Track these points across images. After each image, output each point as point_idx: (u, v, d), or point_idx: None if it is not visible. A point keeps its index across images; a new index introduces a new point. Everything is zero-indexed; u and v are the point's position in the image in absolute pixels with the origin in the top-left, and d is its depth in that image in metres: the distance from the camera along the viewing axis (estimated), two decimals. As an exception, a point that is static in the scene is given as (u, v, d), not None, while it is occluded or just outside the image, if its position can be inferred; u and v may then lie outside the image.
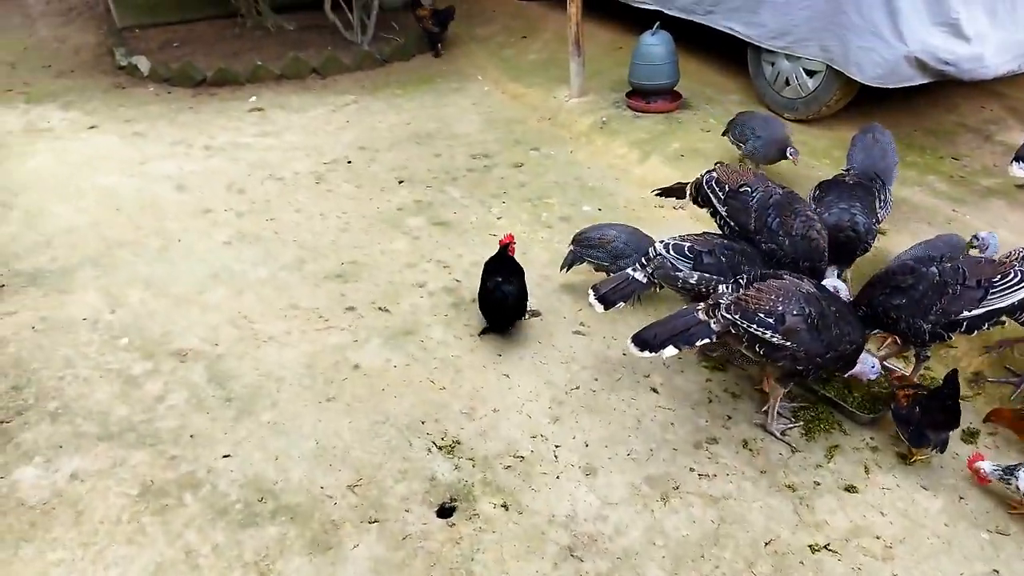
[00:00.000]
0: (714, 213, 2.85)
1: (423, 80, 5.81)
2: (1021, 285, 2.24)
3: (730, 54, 5.12)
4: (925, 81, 3.95)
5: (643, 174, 4.25)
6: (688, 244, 2.67)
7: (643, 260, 2.75)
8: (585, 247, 3.24)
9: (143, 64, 5.77)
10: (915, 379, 2.59)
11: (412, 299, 3.31)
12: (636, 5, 5.55)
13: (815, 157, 4.16)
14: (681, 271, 2.63)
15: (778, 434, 2.49)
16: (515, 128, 4.95)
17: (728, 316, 2.22)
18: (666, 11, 5.29)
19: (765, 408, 2.58)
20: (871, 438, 2.50)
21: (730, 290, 2.31)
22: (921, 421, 2.27)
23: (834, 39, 4.11)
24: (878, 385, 2.65)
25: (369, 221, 3.93)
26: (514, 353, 2.96)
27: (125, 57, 5.91)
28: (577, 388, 2.76)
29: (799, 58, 4.39)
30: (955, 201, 3.67)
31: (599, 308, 2.73)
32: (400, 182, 4.32)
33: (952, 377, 2.27)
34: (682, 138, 4.44)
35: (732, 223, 2.74)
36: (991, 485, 2.24)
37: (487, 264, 3.08)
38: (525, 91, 5.40)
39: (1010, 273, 2.26)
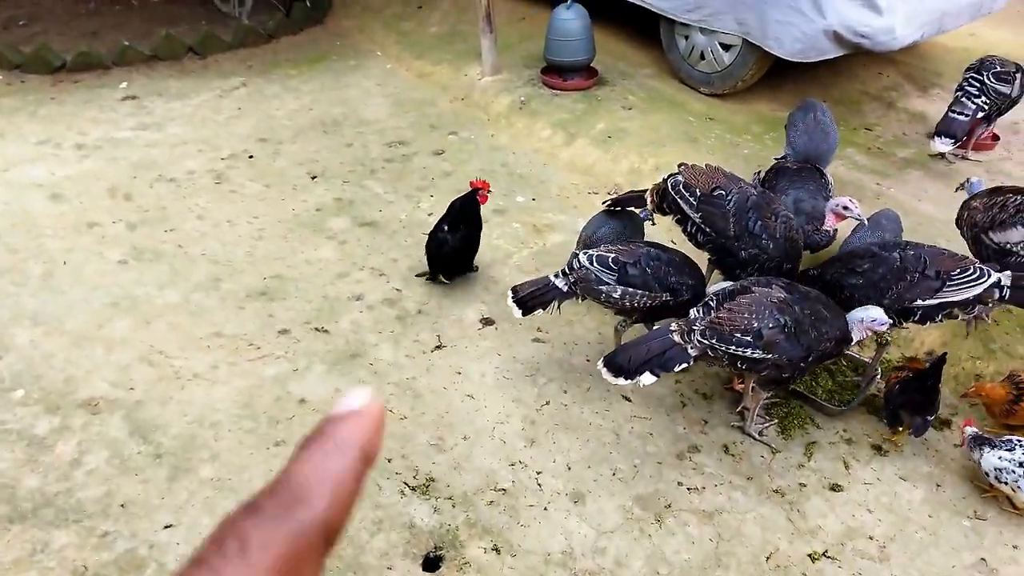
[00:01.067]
0: (682, 219, 2.72)
1: (317, 57, 5.35)
2: (978, 281, 2.30)
3: (640, 26, 5.04)
4: (840, 54, 4.03)
5: (571, 158, 4.11)
6: (612, 255, 2.51)
7: (565, 268, 2.59)
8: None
9: (-18, 47, 4.95)
10: (876, 365, 2.65)
11: (351, 315, 3.04)
12: (542, -26, 5.33)
13: (736, 133, 4.17)
14: (604, 285, 2.48)
15: (756, 435, 2.47)
16: (428, 111, 4.66)
17: (704, 341, 2.16)
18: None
19: (739, 409, 2.56)
20: (844, 430, 2.54)
21: (701, 313, 2.23)
22: (898, 401, 2.31)
23: (751, 13, 4.10)
24: (842, 374, 2.69)
25: (286, 226, 3.58)
26: (474, 369, 2.78)
27: (-41, 39, 5.05)
28: (548, 404, 2.63)
29: (714, 32, 4.36)
30: (877, 174, 3.79)
31: (517, 312, 2.57)
32: (313, 178, 3.96)
33: (938, 362, 2.32)
34: (605, 118, 4.33)
35: (708, 229, 2.64)
36: (963, 469, 2.33)
37: (451, 204, 3.16)
38: (432, 69, 5.09)
39: (969, 268, 2.31)
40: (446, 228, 3.10)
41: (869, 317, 2.22)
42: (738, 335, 2.14)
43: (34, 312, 2.99)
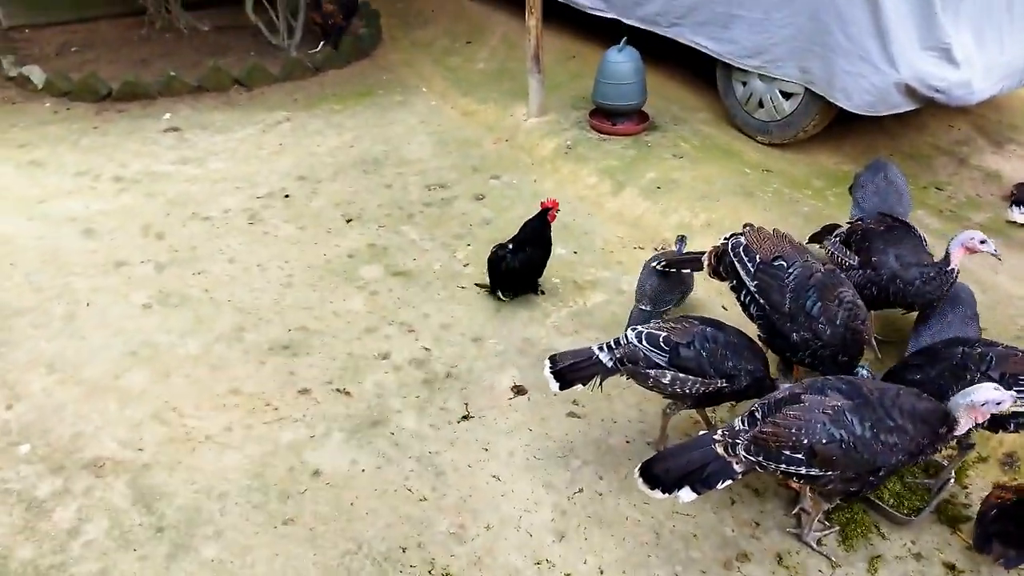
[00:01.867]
0: (738, 286, 2.48)
1: (363, 92, 5.27)
2: None
3: (696, 68, 4.82)
4: (912, 108, 3.75)
5: (618, 208, 3.90)
6: (664, 334, 2.28)
7: (611, 343, 2.36)
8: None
9: (36, 75, 5.01)
10: (952, 469, 2.34)
11: (376, 376, 2.86)
12: (591, 12, 5.17)
13: (795, 187, 3.91)
14: (654, 368, 2.25)
15: (814, 545, 2.20)
16: (471, 152, 4.51)
17: (750, 457, 1.92)
18: (625, 20, 4.94)
19: (796, 511, 2.29)
20: (912, 542, 2.24)
21: (745, 423, 1.98)
22: (993, 528, 2.02)
23: (816, 61, 3.85)
24: (910, 474, 2.40)
25: (317, 272, 3.44)
26: (503, 445, 2.57)
27: (15, 66, 5.12)
28: (581, 491, 2.40)
29: (775, 79, 4.12)
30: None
31: (554, 386, 2.34)
32: (348, 221, 3.82)
33: None
34: (655, 166, 4.11)
35: (761, 301, 2.40)
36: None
37: (524, 224, 3.22)
38: (478, 107, 4.96)
39: None
40: (511, 246, 3.16)
41: (980, 399, 1.89)
42: (787, 452, 1.89)
43: (51, 358, 2.89)
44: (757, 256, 2.45)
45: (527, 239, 3.18)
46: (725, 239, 2.57)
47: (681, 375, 2.24)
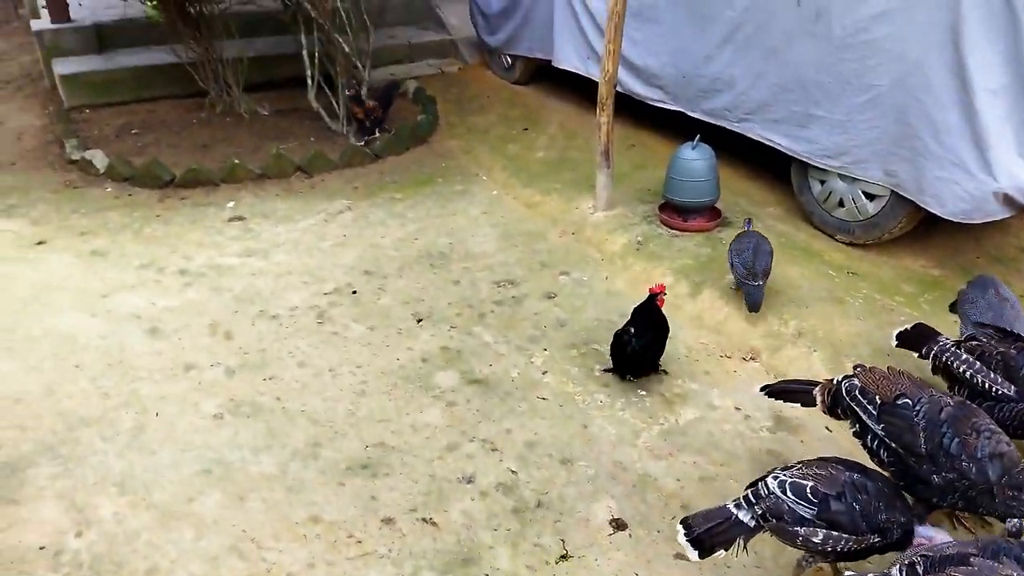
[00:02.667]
0: (862, 431, 2.31)
1: (422, 180, 5.23)
2: None
3: (762, 159, 4.74)
4: (1007, 216, 3.60)
5: (698, 312, 3.74)
6: (811, 483, 2.09)
7: (750, 496, 2.17)
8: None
9: (99, 159, 5.02)
10: None
11: (462, 503, 2.67)
12: (652, 103, 5.15)
13: (886, 293, 3.74)
14: (802, 525, 2.06)
15: None
16: (537, 246, 4.41)
17: None
18: (690, 113, 4.91)
19: None
20: None
21: None
22: None
23: (904, 165, 3.74)
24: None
25: (390, 379, 3.29)
26: (609, 595, 2.35)
27: (77, 149, 5.15)
28: (703, 655, 2.18)
29: (857, 179, 4.01)
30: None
31: (692, 554, 2.12)
32: (419, 321, 3.70)
33: None
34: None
35: (893, 445, 2.22)
36: None
37: (634, 310, 3.28)
38: (541, 199, 4.89)
39: None
40: (632, 331, 3.22)
41: None
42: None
43: (121, 476, 2.73)
44: (877, 397, 2.28)
45: (644, 324, 3.22)
46: (837, 381, 2.42)
47: (834, 533, 2.04)
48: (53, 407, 3.04)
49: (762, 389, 2.68)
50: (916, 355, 2.89)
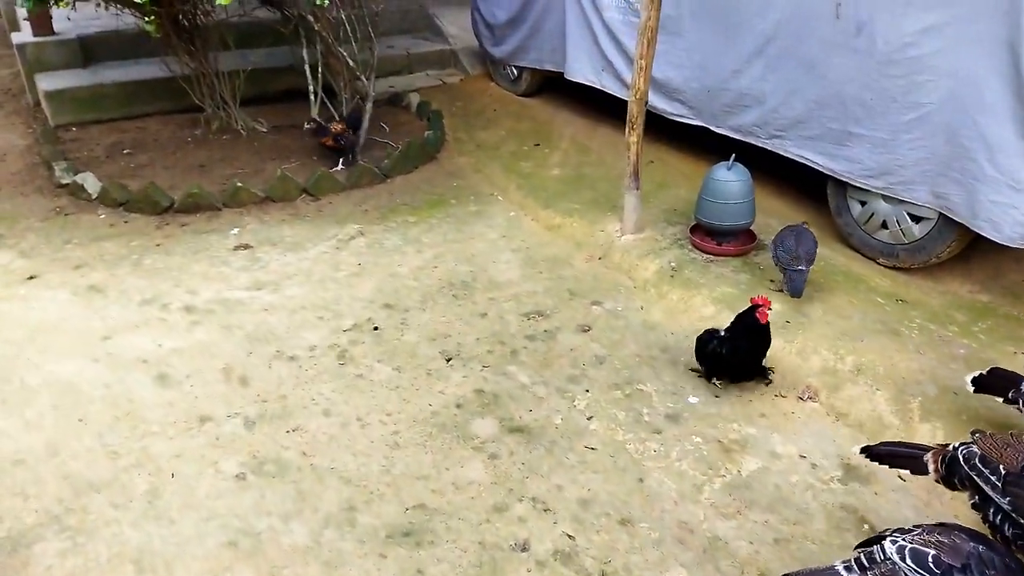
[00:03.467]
0: (983, 503, 2.11)
1: (435, 201, 4.98)
2: None
3: (791, 176, 4.55)
4: (1066, 241, 3.44)
5: (744, 345, 3.53)
6: (933, 552, 1.90)
7: (862, 559, 1.99)
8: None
9: (91, 183, 4.71)
10: None
11: (518, 575, 2.43)
12: (673, 119, 4.94)
13: (939, 322, 3.55)
14: None
15: None
16: (563, 272, 4.18)
17: None
18: (715, 129, 4.71)
19: None
20: None
21: None
22: None
23: (955, 187, 3.56)
24: None
25: (424, 428, 3.04)
26: None
27: (67, 172, 4.83)
28: None
29: (902, 200, 3.83)
30: None
31: None
32: (448, 360, 3.45)
33: None
34: (776, 295, 3.76)
35: (1022, 521, 2.01)
36: None
37: (735, 319, 3.22)
38: (562, 221, 4.65)
39: None
40: (723, 333, 3.20)
41: None
42: None
43: (138, 550, 2.46)
44: (1000, 467, 2.08)
45: (742, 334, 3.16)
46: (953, 448, 2.22)
47: None
48: (57, 469, 2.76)
49: (862, 451, 2.49)
50: (1000, 400, 2.71)
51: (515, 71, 6.39)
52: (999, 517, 2.07)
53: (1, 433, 2.89)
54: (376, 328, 3.66)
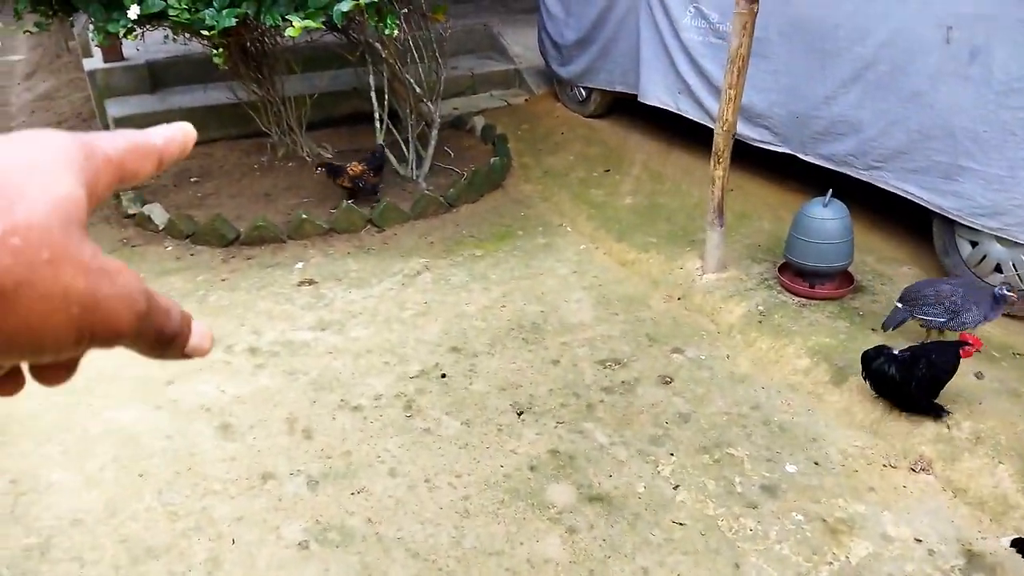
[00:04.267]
0: None
1: (502, 233, 4.78)
2: None
3: (888, 209, 4.20)
4: None
5: (846, 405, 3.21)
6: None
7: None
8: (916, 304, 3.21)
9: (158, 214, 4.68)
10: None
11: (606, 677, 2.19)
12: (757, 144, 4.63)
13: (1070, 382, 3.17)
14: None
15: None
16: (640, 314, 3.92)
17: None
18: (803, 157, 4.39)
19: None
20: None
21: None
22: None
23: (1089, 233, 3.18)
24: None
25: (496, 494, 2.83)
26: None
27: (134, 203, 4.81)
28: None
29: (1019, 245, 3.45)
30: None
31: None
32: (520, 414, 3.23)
33: None
34: (878, 344, 3.43)
35: None
36: None
37: (934, 344, 3.06)
38: (637, 256, 4.40)
39: None
40: (896, 353, 2.97)
41: None
42: None
43: (197, 631, 2.31)
44: None
45: (923, 356, 2.92)
46: None
47: None
48: (115, 531, 2.64)
49: (1013, 544, 2.18)
50: None
51: (583, 92, 6.16)
52: None
53: (62, 488, 2.80)
54: (444, 375, 3.47)
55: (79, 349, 0.37)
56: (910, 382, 2.89)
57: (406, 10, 4.69)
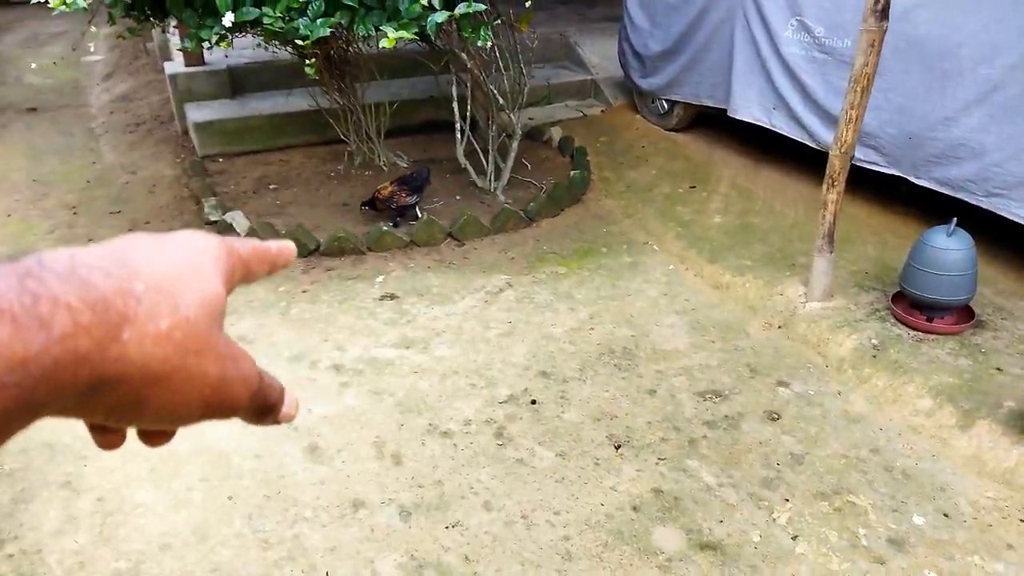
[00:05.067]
0: None
1: (585, 250, 4.61)
2: None
3: (1015, 238, 3.89)
4: None
5: (975, 451, 2.94)
6: None
7: None
8: None
9: (239, 222, 4.64)
10: None
11: None
12: (863, 165, 4.36)
13: None
14: None
15: None
16: (739, 342, 3.70)
17: None
18: (915, 180, 4.11)
19: None
20: None
21: None
22: None
23: None
24: None
25: (598, 535, 2.65)
26: None
27: (216, 210, 4.79)
28: None
29: None
30: None
31: None
32: (617, 447, 3.05)
33: None
34: (1006, 386, 3.15)
35: None
36: None
37: None
38: (732, 279, 4.17)
39: None
40: None
41: None
42: None
43: (293, 672, 2.19)
44: None
45: None
46: None
47: None
48: (205, 558, 2.55)
49: None
50: None
51: (665, 104, 5.96)
52: None
53: (149, 510, 2.72)
54: (534, 401, 3.31)
55: (200, 421, 0.42)
56: None
57: (497, 21, 4.57)
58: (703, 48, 5.30)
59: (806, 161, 4.93)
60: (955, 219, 3.46)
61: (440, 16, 3.78)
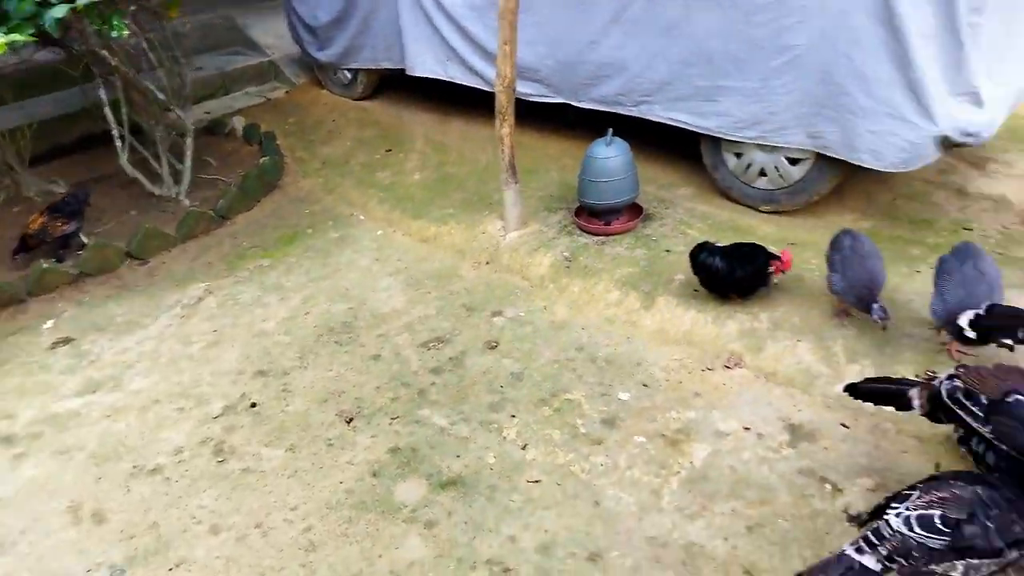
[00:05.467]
0: (967, 436, 2.10)
1: (288, 237, 4.39)
2: None
3: (661, 138, 4.38)
4: (937, 157, 3.46)
5: (659, 325, 3.30)
6: (938, 512, 1.83)
7: (870, 537, 1.86)
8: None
9: None
10: None
11: (498, 670, 2.04)
12: (532, 99, 4.62)
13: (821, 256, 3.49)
14: (937, 563, 1.79)
15: None
16: (453, 287, 3.78)
17: None
18: (576, 104, 4.46)
19: None
20: None
21: None
22: None
23: (830, 125, 3.48)
24: None
25: (341, 513, 2.55)
26: None
27: None
28: None
29: (778, 147, 3.74)
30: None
31: None
32: (349, 422, 2.96)
33: None
34: (675, 263, 3.57)
35: (1004, 447, 1.95)
36: None
37: (748, 247, 3.27)
38: (437, 229, 4.23)
39: None
40: (719, 245, 3.28)
41: None
42: None
43: None
44: (982, 397, 2.02)
45: (736, 256, 3.20)
46: (936, 384, 2.19)
47: (974, 561, 1.76)
48: None
49: (846, 389, 2.45)
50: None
51: (348, 74, 5.83)
52: (983, 447, 2.07)
53: None
54: (254, 404, 3.09)
55: None
56: (734, 271, 3.16)
57: (134, 8, 4.08)
58: (371, 11, 5.23)
59: (488, 105, 5.09)
60: (611, 130, 3.80)
61: (59, 11, 3.26)
